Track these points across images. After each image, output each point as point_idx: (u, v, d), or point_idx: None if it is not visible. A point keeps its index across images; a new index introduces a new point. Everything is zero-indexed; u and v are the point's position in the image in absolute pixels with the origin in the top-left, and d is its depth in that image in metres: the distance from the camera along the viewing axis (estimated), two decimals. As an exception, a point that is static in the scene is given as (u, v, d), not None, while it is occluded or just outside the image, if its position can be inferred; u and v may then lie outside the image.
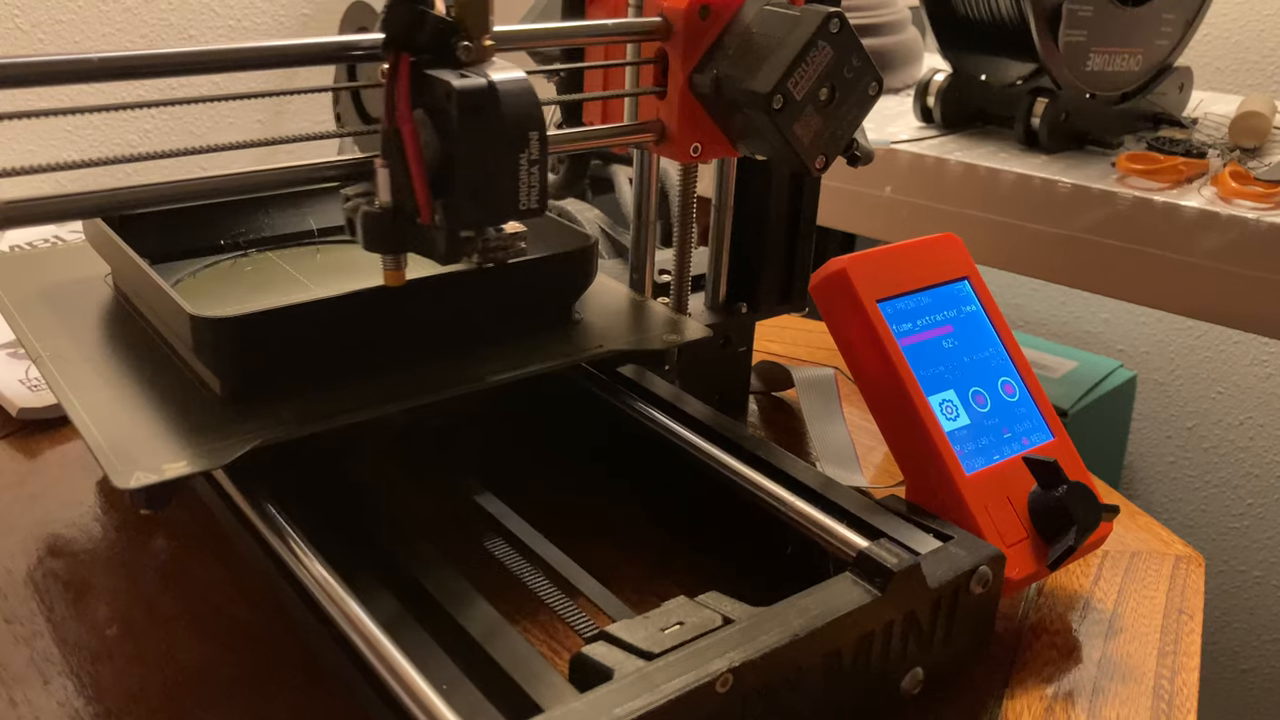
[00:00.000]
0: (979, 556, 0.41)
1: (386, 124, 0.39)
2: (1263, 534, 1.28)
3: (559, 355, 0.48)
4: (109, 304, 0.52)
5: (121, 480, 0.37)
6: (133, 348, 0.48)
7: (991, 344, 0.50)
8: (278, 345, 0.43)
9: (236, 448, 0.39)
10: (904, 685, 0.41)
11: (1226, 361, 1.26)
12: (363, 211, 0.40)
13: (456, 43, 0.39)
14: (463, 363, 0.46)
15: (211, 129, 1.14)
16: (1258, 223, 0.72)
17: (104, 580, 0.47)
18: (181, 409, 0.43)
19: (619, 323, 0.52)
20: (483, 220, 0.40)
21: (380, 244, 0.41)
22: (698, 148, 0.48)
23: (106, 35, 1.06)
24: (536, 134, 0.39)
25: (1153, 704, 0.43)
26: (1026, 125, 0.86)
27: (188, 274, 0.55)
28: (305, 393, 0.43)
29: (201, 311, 0.41)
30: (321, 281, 0.54)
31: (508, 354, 0.47)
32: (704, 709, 0.34)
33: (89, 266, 0.55)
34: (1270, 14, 1.16)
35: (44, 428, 0.59)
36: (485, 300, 0.48)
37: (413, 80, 0.39)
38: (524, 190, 0.40)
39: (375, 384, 0.44)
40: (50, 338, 0.48)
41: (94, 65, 0.36)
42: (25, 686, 0.41)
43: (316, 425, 0.41)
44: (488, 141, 0.38)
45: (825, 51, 0.44)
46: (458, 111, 0.38)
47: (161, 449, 0.40)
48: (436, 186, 0.39)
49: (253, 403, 0.42)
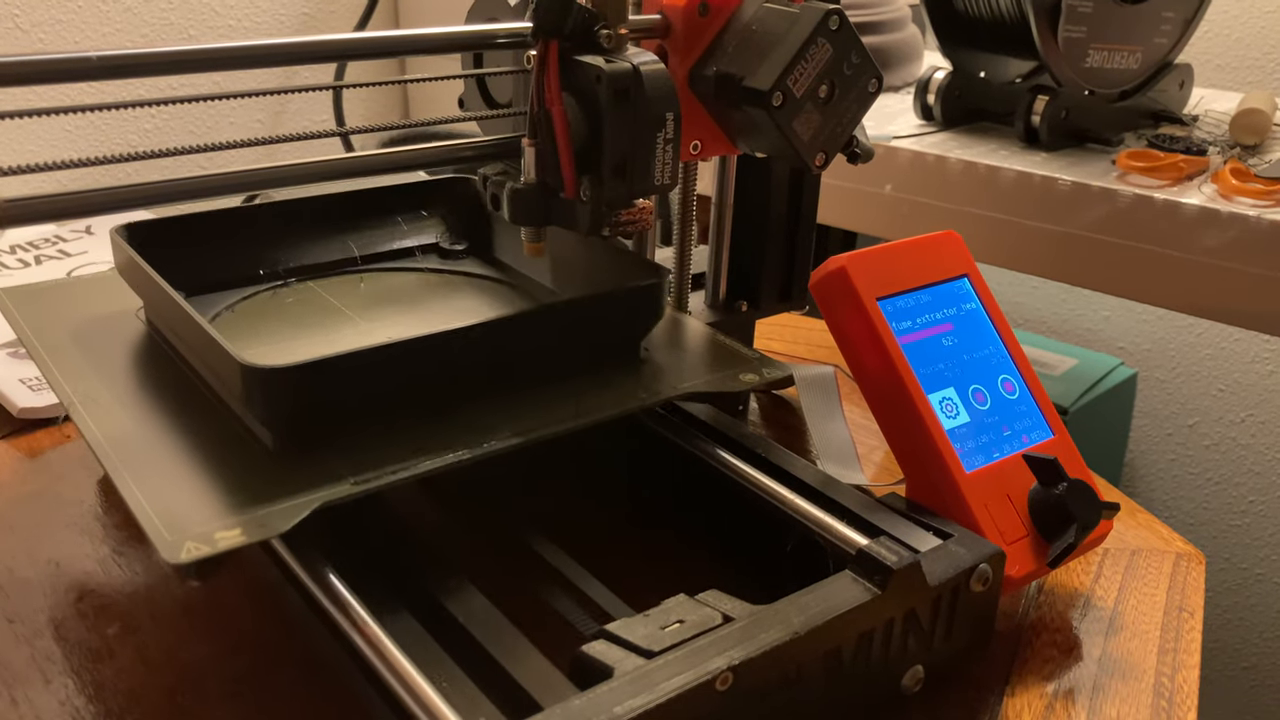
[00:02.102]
0: (979, 554, 0.41)
1: (536, 106, 0.42)
2: (1264, 531, 1.28)
3: (630, 398, 0.44)
4: (142, 341, 0.49)
5: (170, 553, 0.34)
6: (170, 391, 0.44)
7: (991, 342, 0.50)
8: (336, 394, 0.40)
9: (293, 512, 0.36)
10: (904, 683, 0.41)
11: (1227, 359, 1.26)
12: (510, 188, 0.44)
13: (599, 31, 0.42)
14: (528, 405, 0.43)
15: (211, 129, 1.14)
16: (1258, 220, 0.72)
17: (105, 579, 0.47)
18: (229, 464, 0.39)
19: (690, 361, 0.49)
20: (624, 193, 0.43)
21: (526, 217, 0.45)
22: (697, 145, 0.48)
23: (106, 35, 1.06)
24: (672, 114, 0.42)
25: (1153, 701, 0.43)
26: (1027, 122, 0.86)
27: (225, 307, 0.52)
28: (361, 441, 0.40)
29: (255, 360, 0.38)
30: (367, 313, 0.52)
31: (575, 397, 0.44)
32: (704, 707, 0.34)
33: (119, 299, 0.51)
34: (1271, 11, 1.16)
35: (44, 427, 0.59)
36: (553, 339, 0.45)
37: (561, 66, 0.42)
38: (659, 166, 0.43)
39: (435, 431, 0.41)
40: (81, 379, 0.45)
41: (93, 64, 0.36)
42: (26, 686, 0.41)
43: (378, 482, 0.38)
44: (632, 121, 0.42)
45: (825, 48, 0.44)
46: (607, 93, 0.41)
47: (211, 513, 0.36)
48: (581, 163, 0.43)
49: (306, 455, 0.39)
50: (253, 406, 0.40)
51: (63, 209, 0.38)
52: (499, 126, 0.50)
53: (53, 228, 0.87)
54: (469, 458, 0.40)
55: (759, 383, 0.47)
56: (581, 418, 0.43)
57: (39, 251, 0.83)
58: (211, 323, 0.45)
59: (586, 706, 0.32)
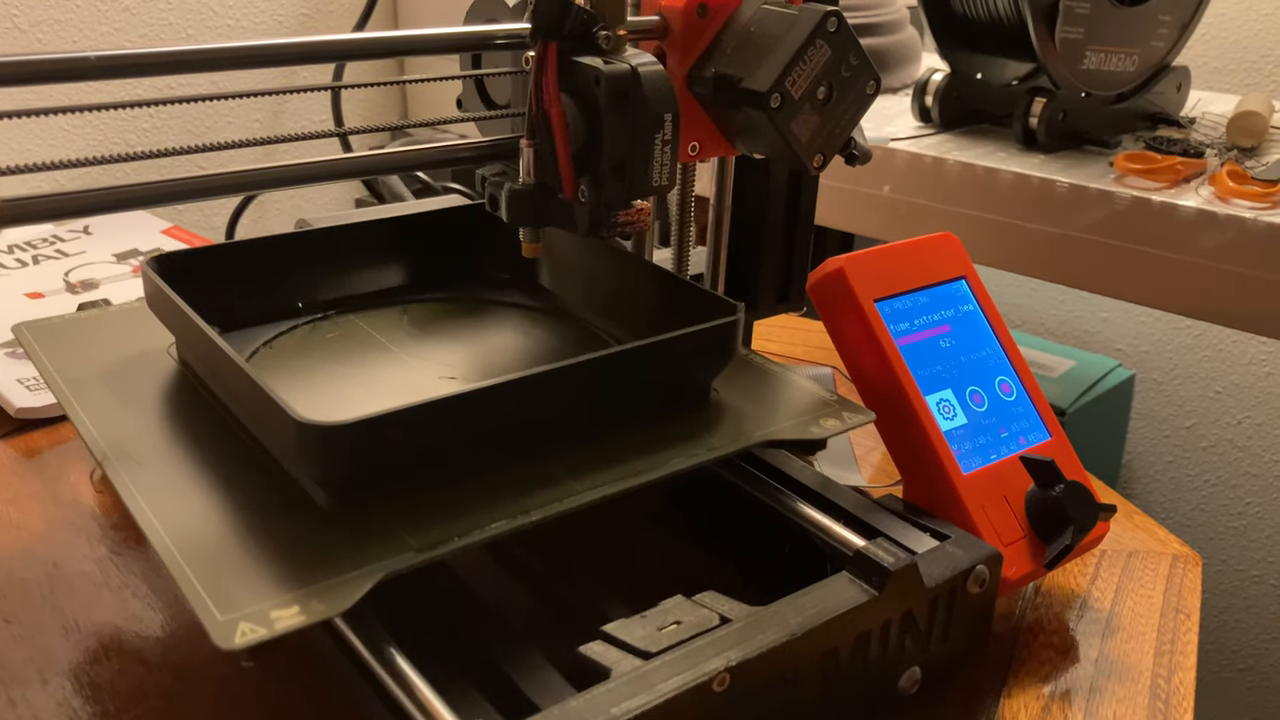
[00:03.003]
0: (976, 556, 0.41)
1: (534, 107, 0.42)
2: (1260, 533, 1.28)
3: (703, 447, 0.41)
4: (174, 382, 0.46)
5: (224, 637, 0.30)
6: (208, 441, 0.41)
7: (989, 343, 0.50)
8: (397, 450, 0.37)
9: (354, 586, 0.33)
10: (901, 684, 0.41)
11: (1225, 361, 1.26)
12: (508, 188, 0.44)
13: (597, 32, 0.42)
14: (595, 456, 0.40)
15: (210, 129, 1.14)
16: (1255, 222, 0.72)
17: (102, 578, 0.47)
18: (280, 527, 0.36)
19: (763, 404, 0.45)
20: (622, 195, 0.43)
21: (524, 218, 0.45)
22: (696, 146, 0.48)
23: (105, 35, 1.06)
24: (670, 116, 0.42)
25: (1150, 703, 0.43)
26: (1024, 124, 0.86)
27: (262, 344, 0.49)
28: (418, 498, 0.37)
29: (308, 414, 0.35)
30: (413, 348, 0.50)
31: (645, 446, 0.41)
32: (701, 708, 0.34)
33: (147, 333, 0.48)
34: (1268, 13, 1.16)
35: (42, 427, 0.59)
36: (622, 383, 0.42)
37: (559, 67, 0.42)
38: (657, 168, 0.43)
39: (497, 487, 0.38)
40: (113, 428, 0.42)
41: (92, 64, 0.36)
42: (24, 686, 0.41)
43: (444, 548, 0.35)
44: (630, 122, 0.41)
45: (823, 50, 0.44)
46: (606, 95, 0.41)
47: (264, 587, 0.33)
48: (579, 164, 0.43)
49: (363, 516, 0.36)
50: (307, 464, 0.37)
51: (61, 209, 0.38)
52: (497, 127, 0.50)
53: (50, 227, 0.87)
54: (541, 518, 0.36)
55: (840, 429, 0.43)
56: (654, 470, 0.39)
57: (37, 251, 0.83)
58: (249, 361, 0.42)
59: (584, 707, 0.32)
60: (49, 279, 0.78)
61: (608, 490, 0.38)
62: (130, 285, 0.77)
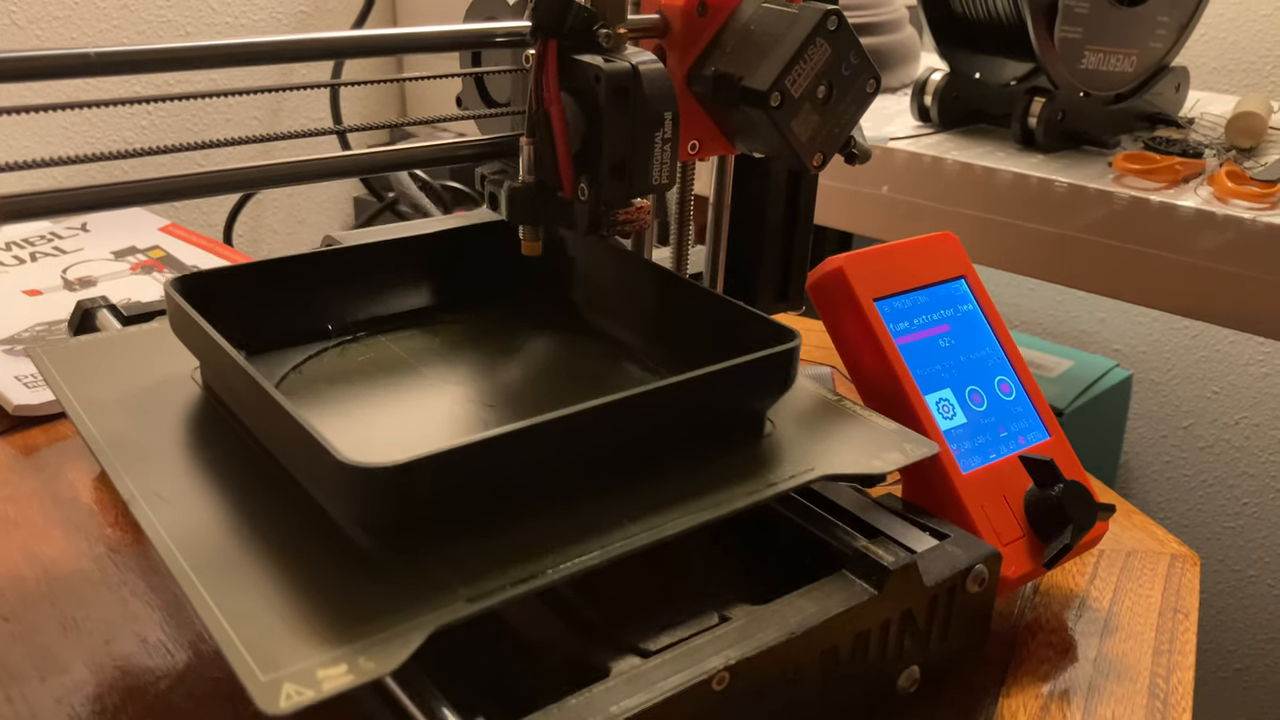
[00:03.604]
0: (975, 555, 0.41)
1: (534, 105, 0.42)
2: (1258, 533, 1.28)
3: (762, 483, 0.39)
4: (200, 410, 0.44)
5: (268, 701, 0.28)
6: (238, 475, 0.39)
7: (988, 343, 0.50)
8: (447, 492, 0.35)
9: (404, 641, 0.31)
10: (900, 683, 0.41)
11: (1222, 361, 1.26)
12: (508, 186, 0.44)
13: (597, 30, 0.42)
14: (648, 493, 0.38)
15: (208, 126, 1.14)
16: (1254, 222, 0.72)
17: (100, 576, 0.47)
18: (320, 574, 0.34)
19: (820, 434, 0.43)
20: (622, 193, 0.43)
21: (524, 216, 0.45)
22: (695, 145, 0.48)
23: (103, 32, 1.05)
24: (670, 114, 0.42)
25: (1148, 702, 0.43)
26: (1023, 124, 0.86)
27: (291, 369, 0.47)
28: (466, 541, 0.35)
29: (349, 449, 0.33)
30: (447, 371, 0.48)
31: (699, 482, 0.39)
32: (700, 707, 0.34)
33: (169, 357, 0.46)
34: (1267, 14, 1.16)
35: (40, 424, 0.59)
36: (676, 415, 0.40)
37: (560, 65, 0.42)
38: (657, 166, 0.43)
39: (546, 528, 0.36)
40: (138, 464, 0.39)
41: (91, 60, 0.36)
42: (22, 684, 0.41)
43: (499, 597, 0.33)
44: (630, 121, 0.41)
45: (823, 49, 0.44)
46: (606, 93, 0.41)
47: (308, 641, 0.31)
48: (579, 163, 0.43)
49: (409, 562, 0.34)
50: (351, 507, 0.35)
51: (58, 205, 0.38)
52: (497, 126, 0.50)
53: (48, 225, 0.87)
54: (597, 562, 0.34)
55: (902, 462, 0.41)
56: (713, 509, 0.37)
57: (34, 248, 0.83)
58: (278, 387, 0.39)
59: (582, 706, 0.32)
60: (47, 276, 0.78)
61: (665, 532, 0.36)
62: (128, 283, 0.77)
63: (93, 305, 0.55)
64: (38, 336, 0.68)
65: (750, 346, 0.41)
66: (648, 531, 0.36)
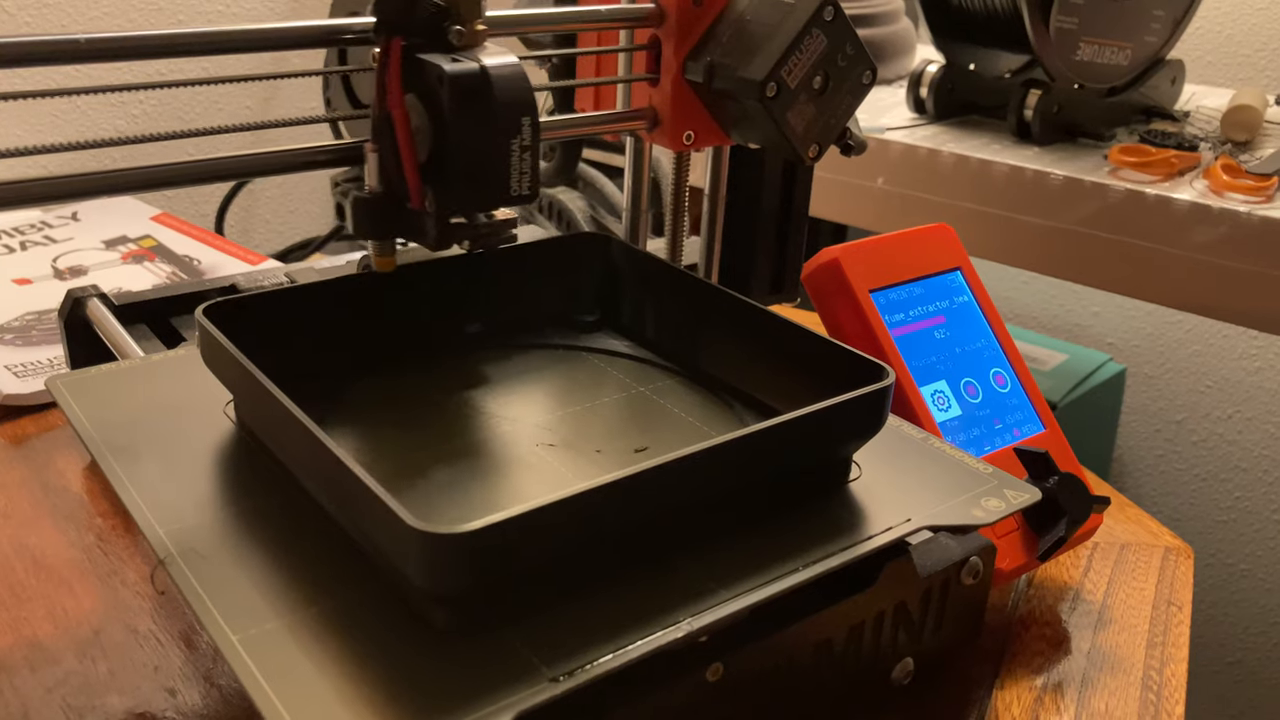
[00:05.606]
0: (969, 547, 0.41)
1: (377, 108, 0.39)
2: (1250, 527, 1.29)
3: (857, 538, 0.36)
4: (235, 449, 0.40)
5: None
6: (284, 527, 0.36)
7: (983, 335, 0.50)
8: (529, 556, 0.32)
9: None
10: (894, 675, 0.41)
11: (1216, 355, 1.26)
12: (353, 196, 0.40)
13: (449, 27, 0.39)
14: (733, 550, 0.35)
15: (200, 114, 1.13)
16: (1249, 216, 0.72)
17: (91, 566, 0.47)
18: (386, 649, 0.30)
19: (911, 480, 0.40)
20: (474, 205, 0.40)
21: (369, 229, 0.41)
22: (690, 136, 0.48)
23: (94, 19, 1.05)
24: (529, 119, 0.39)
25: (1141, 695, 0.43)
26: (1019, 117, 0.86)
27: (331, 404, 0.44)
28: (541, 611, 0.32)
29: (424, 521, 0.29)
30: (501, 408, 0.45)
31: (789, 538, 0.36)
32: (694, 698, 0.34)
33: (197, 388, 0.43)
34: (1262, 8, 1.16)
35: (29, 413, 0.59)
36: (764, 464, 0.37)
37: (405, 64, 0.39)
38: (515, 176, 0.39)
39: (633, 595, 0.33)
40: (173, 513, 0.36)
41: (82, 47, 0.36)
42: (12, 673, 0.41)
43: (584, 676, 0.30)
44: (480, 126, 0.38)
45: (819, 39, 0.44)
46: (450, 96, 0.37)
47: None
48: (427, 171, 0.39)
49: (485, 635, 0.31)
50: (423, 578, 0.31)
51: (49, 194, 0.38)
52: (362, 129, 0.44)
53: (39, 213, 0.86)
54: (685, 635, 0.31)
55: (1004, 511, 0.38)
56: (807, 570, 0.34)
57: (24, 237, 0.82)
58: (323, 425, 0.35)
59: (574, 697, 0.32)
60: (37, 265, 0.77)
61: (758, 596, 0.33)
62: (118, 272, 0.76)
63: (83, 294, 0.54)
64: (27, 325, 0.68)
65: (825, 377, 0.38)
66: (739, 598, 0.33)
